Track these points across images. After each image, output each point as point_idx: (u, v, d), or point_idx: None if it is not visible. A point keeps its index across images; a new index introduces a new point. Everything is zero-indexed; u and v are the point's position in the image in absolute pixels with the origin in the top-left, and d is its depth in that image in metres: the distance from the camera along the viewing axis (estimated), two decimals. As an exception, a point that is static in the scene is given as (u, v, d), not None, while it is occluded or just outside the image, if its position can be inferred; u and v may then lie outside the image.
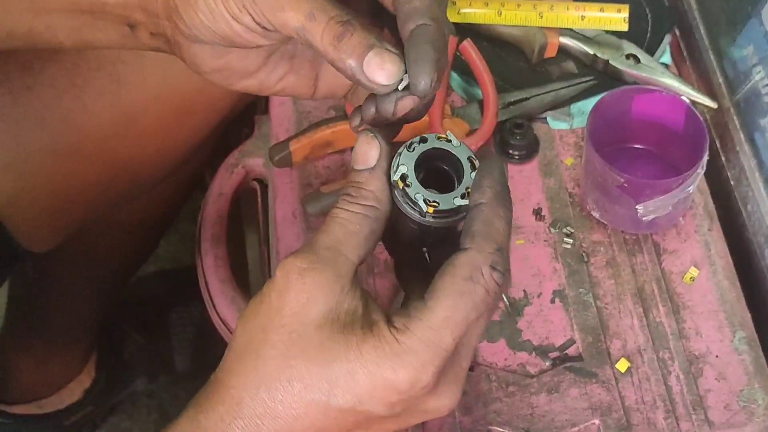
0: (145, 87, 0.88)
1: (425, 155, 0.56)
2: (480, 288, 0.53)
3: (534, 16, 0.98)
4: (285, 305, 0.54)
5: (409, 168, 0.55)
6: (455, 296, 0.52)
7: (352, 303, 0.54)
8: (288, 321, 0.53)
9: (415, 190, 0.54)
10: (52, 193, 0.89)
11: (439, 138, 0.56)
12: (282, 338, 0.53)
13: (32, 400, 1.31)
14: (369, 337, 0.53)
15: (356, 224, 0.55)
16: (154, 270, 1.45)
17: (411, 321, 0.52)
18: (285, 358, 0.53)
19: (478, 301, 0.53)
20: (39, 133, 0.85)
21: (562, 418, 0.82)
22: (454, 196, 0.55)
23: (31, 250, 0.92)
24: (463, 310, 0.52)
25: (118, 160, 0.91)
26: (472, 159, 0.56)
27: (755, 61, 0.89)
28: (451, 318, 0.52)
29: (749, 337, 0.85)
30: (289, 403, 0.53)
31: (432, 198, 0.54)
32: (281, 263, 0.54)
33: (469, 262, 0.53)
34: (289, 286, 0.54)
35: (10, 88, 0.83)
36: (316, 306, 0.53)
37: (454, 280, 0.53)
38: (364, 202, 0.55)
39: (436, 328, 0.52)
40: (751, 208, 0.91)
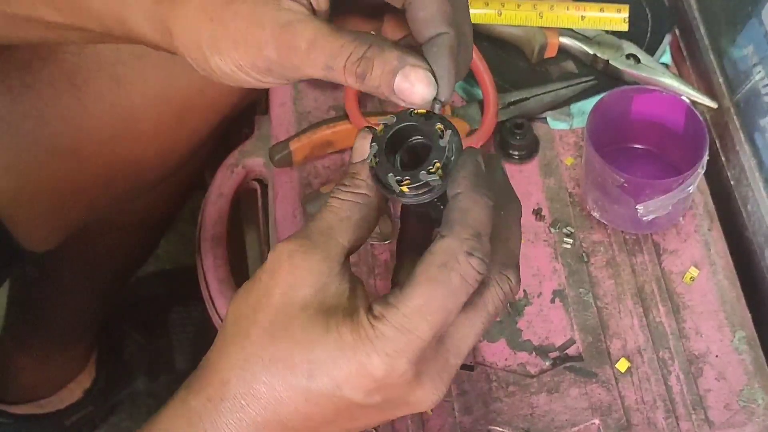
0: (145, 87, 0.88)
1: (398, 133, 0.55)
2: (455, 275, 0.52)
3: (534, 16, 0.98)
4: (274, 286, 0.54)
5: (380, 148, 0.55)
6: (428, 284, 0.52)
7: (339, 286, 0.54)
8: (276, 301, 0.54)
9: (385, 169, 0.55)
10: (52, 193, 0.89)
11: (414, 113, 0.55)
12: (269, 318, 0.54)
13: (32, 400, 1.31)
14: (348, 322, 0.53)
15: (347, 211, 0.55)
16: (154, 270, 1.45)
17: (387, 308, 0.52)
18: (270, 338, 0.54)
19: (454, 288, 0.52)
20: (39, 133, 0.85)
21: (562, 418, 0.82)
22: (421, 171, 0.54)
23: (31, 250, 0.92)
24: (438, 298, 0.52)
25: (118, 161, 0.91)
26: (440, 128, 0.55)
27: (755, 61, 0.89)
28: (425, 306, 0.52)
29: (749, 336, 0.85)
30: (272, 385, 0.53)
31: (402, 175, 0.54)
32: (274, 247, 0.55)
33: (443, 249, 0.52)
34: (280, 267, 0.54)
35: (10, 88, 0.83)
36: (304, 287, 0.54)
37: (428, 267, 0.52)
38: (356, 190, 0.56)
39: (410, 315, 0.52)
40: (751, 208, 0.91)
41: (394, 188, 0.54)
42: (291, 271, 0.54)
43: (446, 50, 0.55)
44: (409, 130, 0.56)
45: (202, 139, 0.98)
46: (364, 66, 0.54)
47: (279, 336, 0.54)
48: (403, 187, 0.54)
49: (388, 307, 0.53)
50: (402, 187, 0.54)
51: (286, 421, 0.54)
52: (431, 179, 0.54)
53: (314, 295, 0.54)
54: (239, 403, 0.54)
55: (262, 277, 0.55)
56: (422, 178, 0.54)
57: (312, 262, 0.54)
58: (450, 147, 0.55)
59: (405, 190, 0.54)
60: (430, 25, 0.55)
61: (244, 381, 0.54)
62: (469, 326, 0.55)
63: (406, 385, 0.53)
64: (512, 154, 0.95)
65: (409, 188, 0.54)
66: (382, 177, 0.55)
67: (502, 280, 0.55)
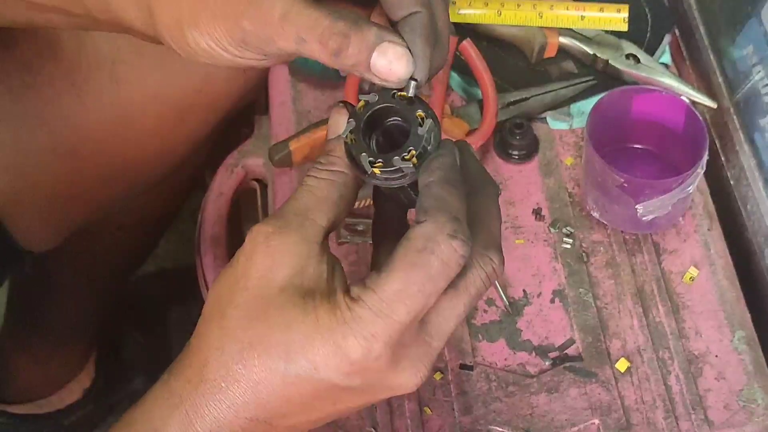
0: (144, 87, 0.88)
1: (377, 113, 0.55)
2: (435, 258, 0.51)
3: (534, 16, 0.98)
4: (251, 268, 0.54)
5: (357, 126, 0.54)
6: (407, 268, 0.51)
7: (318, 267, 0.54)
8: (253, 283, 0.54)
9: (359, 148, 0.54)
10: (51, 193, 0.89)
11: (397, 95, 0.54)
12: (246, 300, 0.54)
13: (31, 400, 1.31)
14: (326, 304, 0.53)
15: (324, 189, 0.55)
16: (154, 270, 1.45)
17: (364, 291, 0.52)
18: (248, 320, 0.54)
19: (434, 272, 0.52)
20: (38, 132, 0.85)
21: (561, 418, 0.82)
22: (395, 157, 0.53)
23: (31, 250, 0.92)
24: (417, 282, 0.51)
25: (118, 160, 0.91)
26: (421, 116, 0.54)
27: (755, 61, 0.89)
28: (404, 290, 0.51)
29: (749, 336, 0.85)
30: (250, 367, 0.53)
31: (375, 157, 0.54)
32: (250, 230, 0.55)
33: (422, 233, 0.52)
34: (256, 250, 0.54)
35: (10, 87, 0.83)
36: (282, 269, 0.53)
37: (407, 252, 0.52)
38: (332, 168, 0.55)
39: (388, 300, 0.51)
40: (751, 208, 0.91)
41: (366, 169, 0.54)
42: (268, 253, 0.54)
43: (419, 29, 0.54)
44: (389, 111, 0.55)
45: (202, 138, 0.98)
46: (339, 41, 0.53)
47: (257, 318, 0.53)
48: (375, 169, 0.54)
49: (365, 290, 0.52)
50: (374, 168, 0.54)
51: (265, 403, 0.54)
52: (404, 166, 0.54)
53: (292, 276, 0.53)
54: (219, 385, 0.54)
55: (240, 259, 0.55)
56: (395, 163, 0.53)
57: (289, 244, 0.54)
58: (428, 137, 0.54)
59: (377, 173, 0.54)
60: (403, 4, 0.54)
61: (222, 363, 0.54)
62: (451, 309, 0.54)
63: (385, 368, 0.53)
64: (512, 154, 0.95)
65: (381, 171, 0.54)
66: (356, 156, 0.54)
67: (484, 262, 0.55)
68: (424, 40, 0.54)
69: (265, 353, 0.53)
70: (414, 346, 0.54)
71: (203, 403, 0.54)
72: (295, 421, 0.56)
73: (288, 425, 0.56)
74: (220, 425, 0.54)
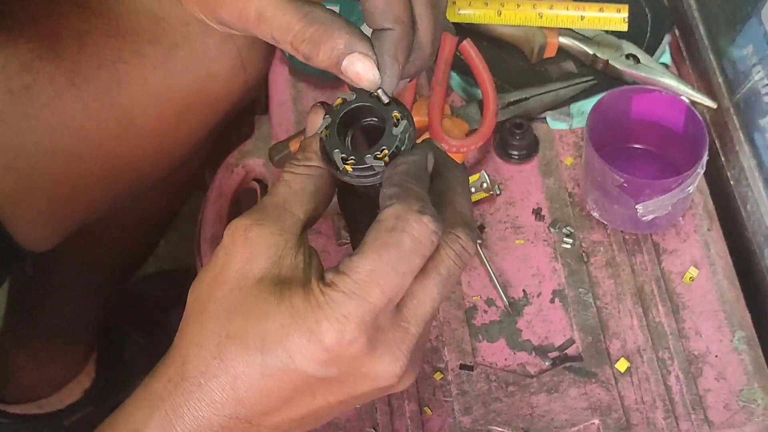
0: (145, 87, 0.88)
1: (357, 111, 0.55)
2: (406, 236, 0.51)
3: (533, 16, 0.98)
4: (230, 261, 0.54)
5: (332, 123, 0.55)
6: (379, 249, 0.51)
7: (295, 258, 0.54)
8: (232, 276, 0.54)
9: (333, 145, 0.54)
10: (51, 193, 0.88)
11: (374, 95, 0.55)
12: (225, 294, 0.54)
13: (32, 400, 1.30)
14: (300, 291, 0.52)
15: (300, 183, 0.56)
16: (154, 270, 1.45)
17: (337, 275, 0.52)
18: (226, 314, 0.53)
19: (406, 250, 0.51)
20: (39, 133, 0.85)
21: (561, 418, 0.82)
22: (367, 155, 0.54)
23: (31, 250, 0.92)
24: (389, 261, 0.51)
25: (118, 160, 0.91)
26: (397, 116, 0.55)
27: (755, 61, 0.89)
28: (376, 271, 0.51)
29: (749, 336, 0.85)
30: (228, 360, 0.53)
31: (348, 154, 0.54)
32: (228, 225, 0.55)
33: (391, 214, 0.52)
34: (235, 243, 0.54)
35: (10, 88, 0.83)
36: (259, 260, 0.53)
37: (377, 234, 0.52)
38: (308, 163, 0.56)
39: (361, 281, 0.51)
40: (751, 208, 0.91)
41: (338, 165, 0.54)
42: (246, 245, 0.54)
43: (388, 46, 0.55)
44: (365, 110, 0.56)
45: (202, 138, 0.98)
46: (309, 49, 0.54)
47: (234, 311, 0.53)
48: (347, 165, 0.54)
49: (338, 275, 0.52)
50: (346, 165, 0.54)
51: (244, 399, 0.53)
52: (376, 164, 0.54)
53: (269, 268, 0.53)
54: (197, 382, 0.54)
55: (218, 254, 0.55)
56: (368, 161, 0.54)
57: (267, 236, 0.54)
58: (402, 137, 0.55)
59: (348, 169, 0.54)
60: (377, 18, 0.55)
61: (201, 359, 0.54)
62: (423, 292, 0.53)
63: (360, 354, 0.52)
64: (512, 154, 0.95)
65: (354, 168, 0.54)
66: (329, 152, 0.54)
67: (451, 239, 0.54)
68: (392, 58, 0.55)
69: (242, 346, 0.53)
70: (390, 332, 0.53)
71: (182, 403, 0.54)
72: (277, 419, 0.55)
73: (270, 425, 0.55)
74: (200, 425, 0.54)
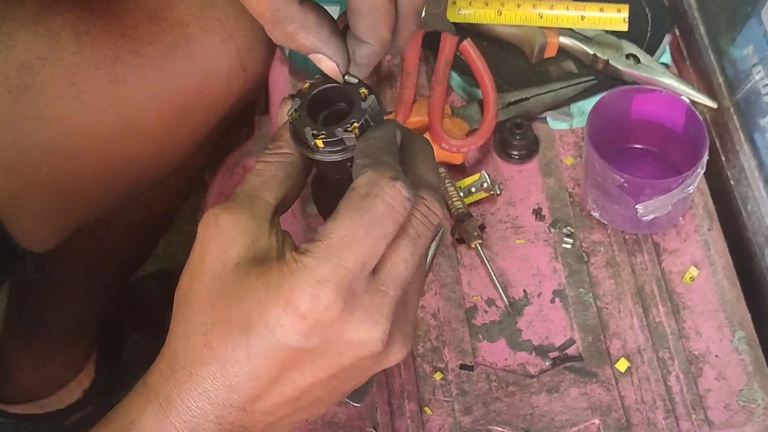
0: (144, 87, 0.88)
1: (324, 97, 0.57)
2: (379, 201, 0.52)
3: (534, 16, 0.98)
4: (206, 252, 0.54)
5: (302, 105, 0.56)
6: (352, 213, 0.52)
7: (269, 241, 0.54)
8: (209, 266, 0.54)
9: (303, 123, 0.55)
10: (51, 193, 0.88)
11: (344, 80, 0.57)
12: (205, 284, 0.54)
13: (32, 400, 1.30)
14: (275, 266, 0.53)
15: (271, 171, 0.57)
16: (154, 270, 1.45)
17: (311, 244, 0.52)
18: (209, 302, 0.54)
19: (379, 214, 0.52)
20: (38, 133, 0.85)
21: (562, 418, 0.82)
22: (337, 128, 0.55)
23: (31, 250, 0.92)
24: (363, 225, 0.52)
25: (118, 160, 0.91)
26: (365, 93, 0.56)
27: (755, 61, 0.89)
28: (349, 236, 0.52)
29: (749, 336, 0.85)
30: (217, 347, 0.53)
31: (318, 130, 0.55)
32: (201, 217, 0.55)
33: (365, 181, 0.53)
34: (207, 233, 0.55)
35: (10, 88, 0.83)
36: (234, 246, 0.54)
37: (351, 200, 0.53)
38: (277, 150, 0.57)
39: (334, 246, 0.51)
40: (751, 208, 0.91)
41: (309, 141, 0.55)
42: (219, 233, 0.54)
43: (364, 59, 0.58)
44: (334, 92, 0.57)
45: (202, 138, 0.98)
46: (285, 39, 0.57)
47: (216, 298, 0.54)
48: (318, 140, 0.55)
49: (312, 242, 0.52)
50: (317, 140, 0.55)
51: (234, 384, 0.53)
52: (347, 137, 0.55)
53: (244, 252, 0.54)
54: (188, 373, 0.54)
55: (195, 247, 0.55)
56: (338, 134, 0.55)
57: (239, 222, 0.54)
58: (371, 112, 0.56)
59: (320, 145, 0.55)
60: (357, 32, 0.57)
61: (190, 349, 0.54)
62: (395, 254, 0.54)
63: (339, 320, 0.52)
64: (512, 154, 0.95)
65: (324, 142, 0.55)
66: (299, 131, 0.55)
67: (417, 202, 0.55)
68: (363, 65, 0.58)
69: (227, 330, 0.53)
70: (368, 296, 0.53)
71: (175, 394, 0.54)
72: (270, 403, 0.55)
73: (264, 410, 0.55)
74: (194, 415, 0.54)
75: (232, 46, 0.91)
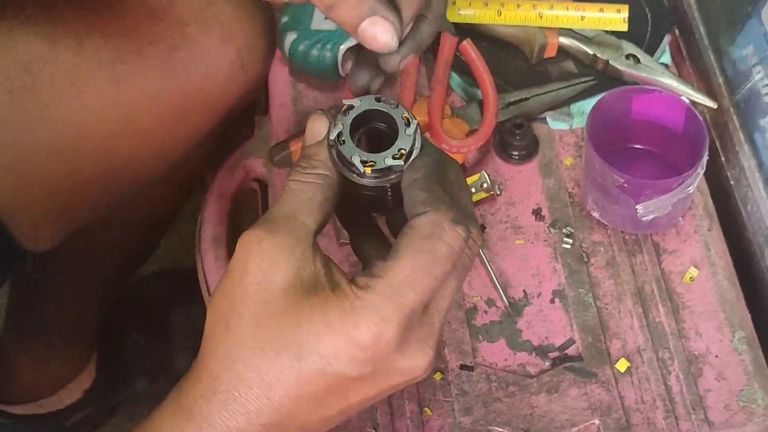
0: (144, 87, 0.88)
1: (362, 117, 0.57)
2: (442, 244, 0.53)
3: (533, 16, 0.98)
4: (248, 275, 0.54)
5: (345, 129, 0.56)
6: (416, 254, 0.53)
7: (313, 267, 0.55)
8: (253, 290, 0.54)
9: (351, 150, 0.55)
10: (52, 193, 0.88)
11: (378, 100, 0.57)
12: (249, 308, 0.54)
13: (32, 400, 1.30)
14: (332, 297, 0.53)
15: (309, 192, 0.56)
16: (154, 270, 1.45)
17: (372, 279, 0.53)
18: (255, 327, 0.54)
19: (441, 257, 0.53)
20: (39, 133, 0.85)
21: (561, 418, 0.82)
22: (386, 156, 0.55)
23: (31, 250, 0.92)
24: (425, 266, 0.53)
25: (118, 160, 0.91)
26: (407, 117, 0.56)
27: (755, 61, 0.89)
28: (412, 275, 0.53)
29: (749, 337, 0.85)
30: (264, 370, 0.53)
31: (367, 157, 0.55)
32: (240, 238, 0.55)
33: (428, 221, 0.54)
34: (250, 256, 0.54)
35: (10, 88, 0.83)
36: (279, 272, 0.54)
37: (414, 240, 0.53)
38: (315, 171, 0.57)
39: (398, 285, 0.53)
40: (751, 208, 0.91)
41: (359, 169, 0.55)
42: (262, 257, 0.54)
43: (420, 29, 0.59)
44: (373, 114, 0.57)
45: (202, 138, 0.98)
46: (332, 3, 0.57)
47: (263, 322, 0.54)
48: (366, 168, 0.55)
49: (373, 279, 0.53)
50: (366, 168, 0.55)
51: (279, 406, 0.54)
52: (395, 165, 0.55)
53: (291, 278, 0.54)
54: (232, 395, 0.54)
55: (234, 269, 0.55)
56: (387, 162, 0.55)
57: (282, 247, 0.54)
58: (415, 138, 0.56)
59: (368, 172, 0.55)
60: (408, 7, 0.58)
61: (234, 372, 0.54)
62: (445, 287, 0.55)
63: (393, 352, 0.53)
64: (512, 154, 0.95)
65: (373, 170, 0.55)
66: (347, 157, 0.55)
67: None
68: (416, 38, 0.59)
69: (276, 356, 0.53)
70: (419, 328, 0.55)
71: (216, 414, 0.54)
72: (307, 419, 0.56)
73: (299, 425, 0.56)
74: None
75: (232, 46, 0.91)
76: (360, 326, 0.52)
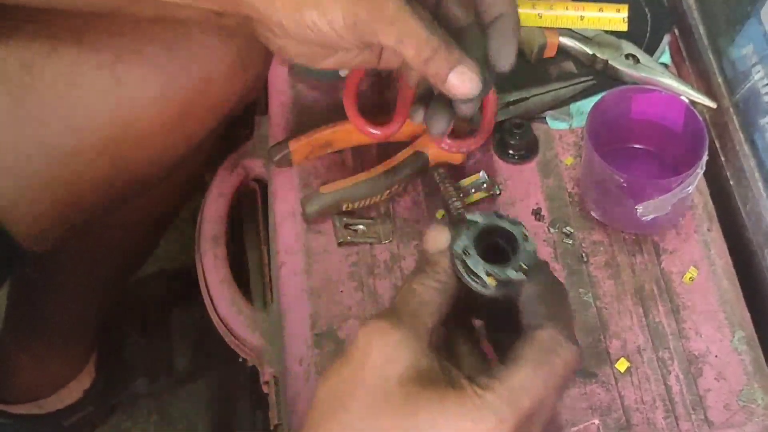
0: (145, 87, 0.88)
1: (484, 230, 0.62)
2: (560, 360, 0.57)
3: (533, 16, 0.98)
4: (368, 362, 0.57)
5: (470, 243, 0.61)
6: (536, 365, 0.57)
7: (431, 362, 0.57)
8: (371, 376, 0.57)
9: (475, 262, 0.60)
10: (52, 194, 0.88)
11: (499, 216, 0.63)
12: (367, 392, 0.56)
13: (32, 400, 1.30)
14: (451, 393, 0.56)
15: (431, 295, 0.60)
16: (154, 270, 1.45)
17: (493, 381, 0.56)
18: (371, 411, 0.56)
19: (556, 372, 0.57)
20: (39, 134, 0.85)
21: (561, 418, 0.82)
22: (508, 269, 0.60)
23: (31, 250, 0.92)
24: (542, 378, 0.56)
25: (118, 160, 0.91)
26: (525, 234, 0.62)
27: (755, 61, 0.89)
28: (530, 384, 0.56)
29: (749, 336, 0.85)
30: None
31: (491, 270, 0.60)
32: (364, 325, 0.58)
33: (548, 335, 0.58)
34: (372, 344, 0.57)
35: (10, 89, 0.83)
36: (398, 363, 0.57)
37: (534, 351, 0.57)
38: (437, 278, 0.61)
39: (516, 390, 0.56)
40: (751, 208, 0.91)
41: (484, 280, 0.60)
42: (385, 347, 0.57)
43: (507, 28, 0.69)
44: (494, 230, 0.62)
45: (202, 138, 0.98)
46: (429, 53, 0.66)
47: (380, 408, 0.56)
48: (490, 279, 0.60)
49: (494, 381, 0.56)
50: (489, 278, 0.60)
51: None
52: (517, 278, 0.60)
53: (409, 369, 0.56)
54: None
55: (354, 354, 0.58)
56: (509, 275, 0.60)
57: (404, 341, 0.57)
58: (532, 252, 0.61)
59: (492, 283, 0.60)
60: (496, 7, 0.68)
61: None
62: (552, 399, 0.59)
63: None
64: (511, 154, 0.95)
65: (496, 281, 0.60)
66: (473, 269, 0.60)
67: None
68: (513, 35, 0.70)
69: None
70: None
71: None
72: None
73: None
74: None
75: (232, 47, 0.91)
76: (479, 425, 0.54)
